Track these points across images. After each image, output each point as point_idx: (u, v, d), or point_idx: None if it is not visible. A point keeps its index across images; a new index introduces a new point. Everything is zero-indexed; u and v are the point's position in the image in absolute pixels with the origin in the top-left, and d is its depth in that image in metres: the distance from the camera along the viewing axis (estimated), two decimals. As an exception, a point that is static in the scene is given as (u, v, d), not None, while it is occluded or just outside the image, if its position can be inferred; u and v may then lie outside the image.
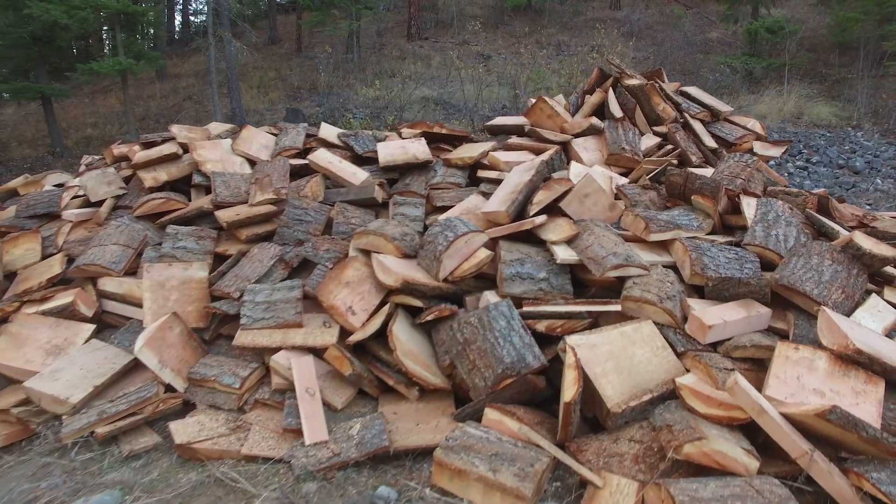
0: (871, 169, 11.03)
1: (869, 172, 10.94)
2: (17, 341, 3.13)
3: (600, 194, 3.38)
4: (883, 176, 10.80)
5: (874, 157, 11.38)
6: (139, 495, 2.45)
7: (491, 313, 2.69)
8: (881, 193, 10.13)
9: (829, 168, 11.31)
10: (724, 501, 2.02)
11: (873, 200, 9.82)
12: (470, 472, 2.23)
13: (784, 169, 11.32)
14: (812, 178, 10.88)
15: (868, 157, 11.36)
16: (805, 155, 11.74)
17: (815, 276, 2.87)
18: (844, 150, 11.80)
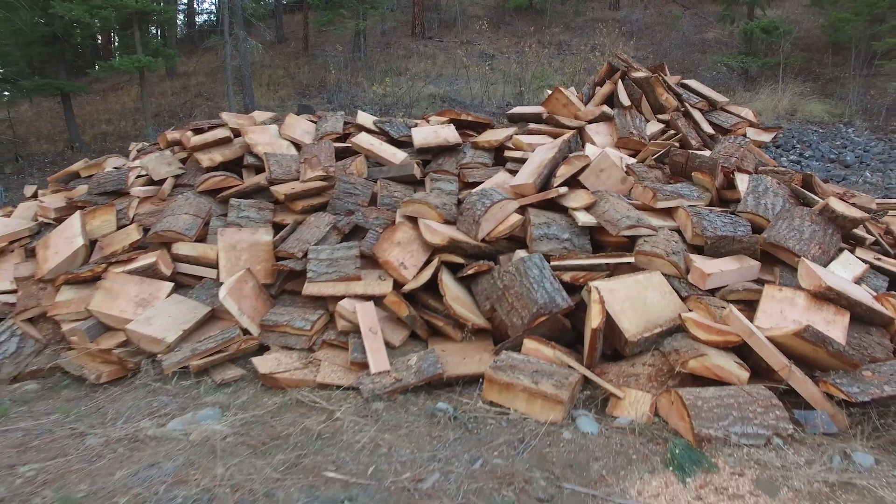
0: (861, 163, 11.66)
1: (858, 166, 11.56)
2: (111, 295, 3.65)
3: (614, 169, 3.93)
4: (872, 169, 11.42)
5: (864, 151, 12.01)
6: (236, 412, 2.98)
7: (526, 263, 3.23)
8: (869, 185, 10.74)
9: (821, 162, 11.92)
10: (721, 398, 2.57)
11: (863, 192, 10.43)
12: (515, 385, 2.77)
13: (779, 163, 11.93)
14: (805, 171, 11.49)
15: (858, 152, 11.98)
16: (798, 150, 12.36)
17: (797, 234, 3.43)
18: (836, 145, 12.41)
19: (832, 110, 13.98)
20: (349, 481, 2.29)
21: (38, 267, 4.05)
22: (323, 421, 2.85)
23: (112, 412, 3.03)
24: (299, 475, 2.34)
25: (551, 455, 2.48)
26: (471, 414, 2.84)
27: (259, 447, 2.60)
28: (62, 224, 4.25)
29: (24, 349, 3.68)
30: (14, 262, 4.24)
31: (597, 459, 2.44)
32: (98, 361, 3.51)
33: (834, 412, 2.66)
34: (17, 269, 4.13)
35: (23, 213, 4.99)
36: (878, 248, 3.85)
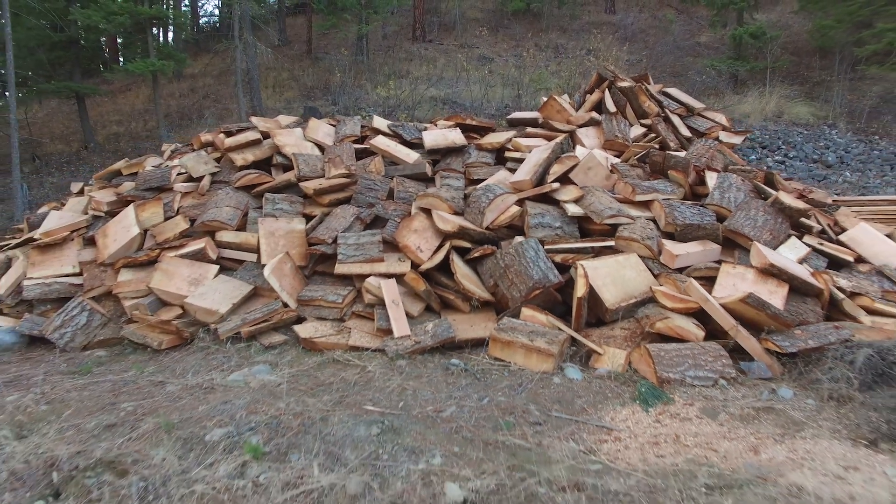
0: (842, 163, 12.38)
1: (839, 166, 12.28)
2: (167, 275, 4.30)
3: (599, 168, 4.61)
4: (852, 169, 12.14)
5: (845, 152, 12.73)
6: (283, 368, 3.63)
7: (523, 246, 3.90)
8: (848, 184, 11.46)
9: (805, 162, 12.64)
10: (679, 351, 3.24)
11: (841, 190, 11.14)
12: (515, 342, 3.44)
13: (763, 163, 12.63)
14: (788, 171, 12.20)
15: (840, 153, 12.70)
16: (783, 150, 13.07)
17: (752, 222, 4.11)
18: (819, 146, 13.13)
19: (817, 112, 14.71)
20: (385, 412, 2.95)
21: (98, 252, 4.70)
22: (357, 373, 3.51)
23: (180, 369, 3.69)
24: (345, 408, 2.99)
25: (544, 394, 3.14)
26: (479, 367, 3.51)
27: (308, 391, 3.26)
28: (118, 216, 4.90)
29: (92, 322, 4.32)
30: (76, 249, 4.88)
31: (580, 397, 3.11)
32: (158, 331, 4.16)
33: (771, 362, 3.33)
34: (80, 255, 4.77)
35: (73, 207, 5.63)
36: (825, 236, 4.53)
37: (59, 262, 4.80)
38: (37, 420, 2.99)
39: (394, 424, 2.80)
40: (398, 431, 2.70)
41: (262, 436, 2.66)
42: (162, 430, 2.75)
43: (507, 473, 2.27)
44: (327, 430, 2.70)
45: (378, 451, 2.51)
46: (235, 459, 2.48)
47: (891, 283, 3.94)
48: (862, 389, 2.94)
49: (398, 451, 2.51)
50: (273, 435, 2.68)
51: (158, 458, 2.53)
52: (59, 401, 3.25)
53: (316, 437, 2.64)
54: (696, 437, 2.66)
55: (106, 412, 3.07)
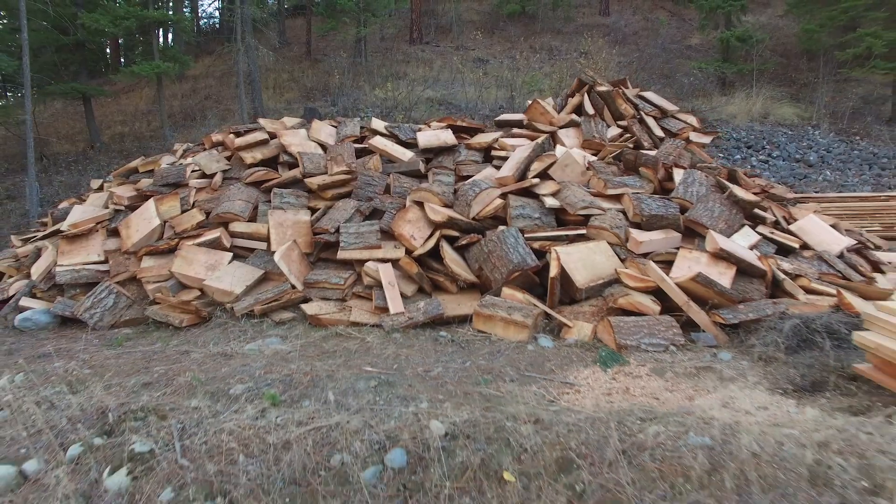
0: (823, 162, 12.95)
1: (820, 165, 12.85)
2: (187, 262, 4.82)
3: (576, 165, 5.15)
4: (832, 168, 12.71)
5: (827, 152, 13.30)
6: (292, 340, 4.16)
7: (505, 234, 4.43)
8: (828, 183, 12.03)
9: (788, 161, 13.22)
10: (637, 322, 3.77)
11: (820, 188, 11.72)
12: (495, 316, 3.97)
13: (748, 162, 13.21)
14: (771, 169, 12.78)
15: (821, 153, 13.27)
16: (768, 150, 13.64)
17: (709, 213, 4.65)
18: (802, 146, 13.70)
19: (802, 114, 15.27)
20: (381, 372, 3.48)
21: (122, 242, 5.23)
22: (357, 344, 4.04)
23: (202, 341, 4.21)
24: (347, 369, 3.52)
25: (519, 359, 3.67)
26: (464, 338, 4.04)
27: (315, 357, 3.79)
28: (139, 209, 5.42)
29: (118, 303, 4.84)
30: (101, 239, 5.40)
31: (549, 361, 3.64)
32: (179, 311, 4.68)
33: (717, 332, 3.86)
34: (105, 244, 5.29)
35: (94, 201, 6.15)
36: (778, 226, 5.07)
37: (86, 250, 5.32)
38: (84, 380, 3.52)
39: (389, 380, 3.33)
40: (392, 385, 3.23)
41: (278, 389, 3.19)
42: (192, 386, 3.28)
43: (481, 413, 2.80)
44: (332, 384, 3.23)
45: (375, 399, 3.04)
46: (257, 406, 3.01)
47: (829, 266, 4.48)
48: (787, 352, 3.48)
49: (392, 398, 3.05)
50: (287, 388, 3.21)
51: (192, 406, 3.05)
52: (100, 366, 3.78)
53: (323, 390, 3.17)
54: (643, 389, 3.20)
55: (141, 374, 3.60)
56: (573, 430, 2.57)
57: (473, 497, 2.32)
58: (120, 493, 2.54)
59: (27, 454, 2.87)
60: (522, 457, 2.46)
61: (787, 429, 2.46)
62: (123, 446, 2.77)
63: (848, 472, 2.10)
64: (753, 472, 2.13)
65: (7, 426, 3.08)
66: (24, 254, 5.84)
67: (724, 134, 14.25)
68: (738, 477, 2.14)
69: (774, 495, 2.03)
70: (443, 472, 2.43)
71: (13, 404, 3.22)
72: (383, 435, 2.68)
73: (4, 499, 2.60)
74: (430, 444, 2.58)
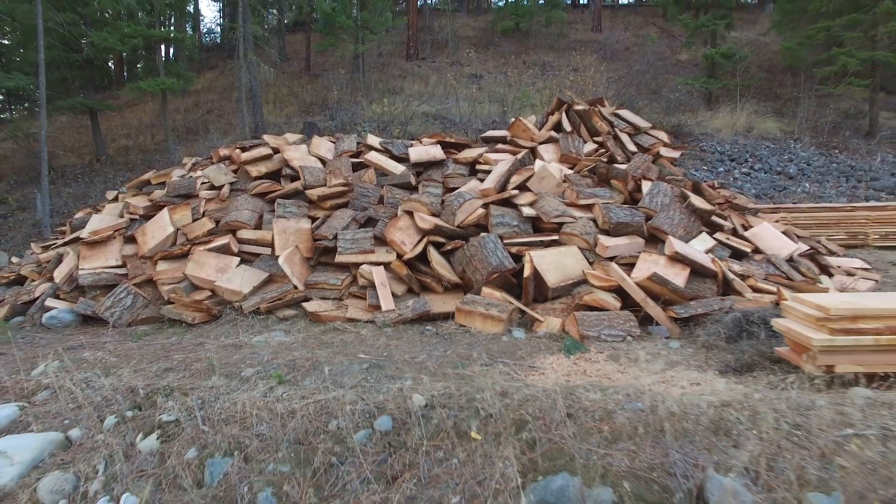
0: (802, 175, 13.58)
1: (800, 178, 13.48)
2: (199, 265, 5.37)
3: (551, 178, 5.73)
4: (811, 180, 13.34)
5: (806, 164, 13.93)
6: (295, 333, 4.69)
7: (485, 240, 4.99)
8: (806, 194, 12.65)
9: (769, 174, 13.85)
10: (599, 316, 4.32)
11: (798, 199, 12.33)
12: (474, 312, 4.52)
13: (731, 174, 13.84)
14: (753, 181, 13.41)
15: (801, 165, 13.90)
16: (750, 163, 14.28)
17: (670, 221, 5.22)
18: (784, 159, 14.34)
19: (785, 128, 15.94)
20: (373, 359, 4.02)
21: (139, 248, 5.78)
22: (353, 336, 4.58)
23: (214, 334, 4.75)
24: (343, 356, 4.06)
25: (493, 348, 4.21)
26: (446, 331, 4.58)
27: (315, 347, 4.33)
28: (154, 217, 5.98)
29: (136, 303, 5.38)
30: (118, 245, 5.95)
31: (520, 349, 4.18)
32: (192, 310, 5.21)
33: (671, 325, 4.41)
34: (123, 250, 5.84)
35: (110, 211, 6.71)
36: (735, 233, 5.64)
37: (105, 256, 5.87)
38: (113, 366, 4.05)
39: (379, 364, 3.87)
40: (382, 367, 3.77)
41: (284, 371, 3.73)
42: (209, 369, 3.82)
43: (456, 388, 3.33)
44: (330, 367, 3.77)
45: (367, 378, 3.58)
46: (265, 384, 3.54)
47: (775, 268, 5.04)
48: (727, 341, 4.03)
49: (381, 377, 3.58)
50: (291, 370, 3.75)
51: (209, 385, 3.59)
52: (125, 355, 4.31)
53: (322, 371, 3.71)
54: (598, 371, 3.74)
55: (163, 361, 4.13)
56: (530, 400, 3.10)
57: (446, 452, 2.85)
58: (152, 453, 3.08)
59: (70, 424, 3.41)
60: (488, 420, 2.99)
61: (705, 396, 3.00)
62: (153, 417, 3.30)
63: (742, 422, 2.64)
64: (668, 425, 2.67)
65: (51, 403, 3.63)
66: (45, 259, 6.38)
67: (709, 147, 14.90)
68: (656, 429, 2.67)
69: (682, 440, 2.57)
70: (422, 434, 2.96)
71: (54, 385, 3.76)
72: (373, 405, 3.21)
73: (56, 458, 3.14)
74: (411, 411, 3.11)
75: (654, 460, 2.51)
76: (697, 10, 17.61)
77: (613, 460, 2.54)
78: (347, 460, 2.87)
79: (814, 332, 3.14)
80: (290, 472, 2.81)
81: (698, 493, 2.37)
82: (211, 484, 2.84)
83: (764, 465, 2.40)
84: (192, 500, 2.74)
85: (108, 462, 3.05)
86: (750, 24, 25.08)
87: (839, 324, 3.07)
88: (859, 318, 3.08)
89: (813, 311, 3.21)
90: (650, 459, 2.52)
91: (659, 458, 2.52)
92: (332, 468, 2.84)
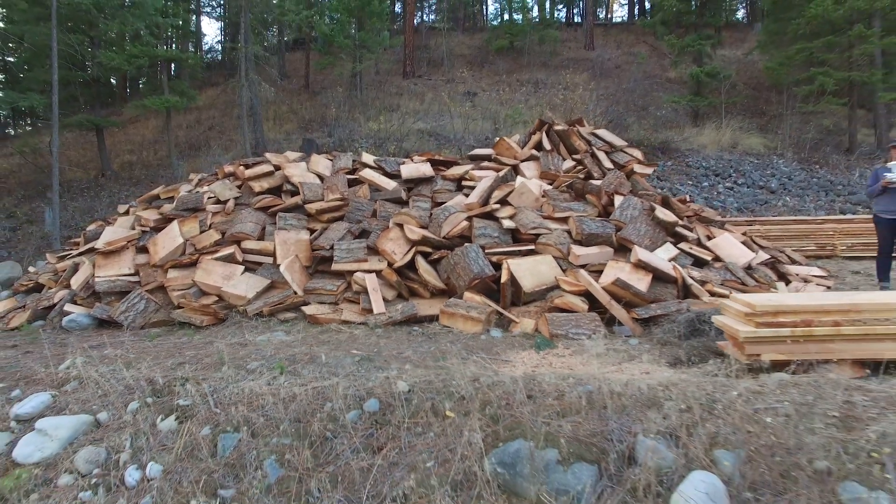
0: (784, 189, 14.22)
1: (781, 192, 14.11)
2: (207, 273, 5.92)
3: (530, 193, 6.31)
4: (791, 195, 13.97)
5: (788, 179, 14.58)
6: (295, 333, 5.23)
7: (468, 249, 5.55)
8: (786, 207, 13.27)
9: (752, 188, 14.48)
10: (568, 317, 4.86)
11: (778, 213, 12.93)
12: (457, 314, 5.06)
13: (715, 189, 14.47)
14: (735, 195, 14.04)
15: (783, 180, 14.55)
16: (734, 178, 14.92)
17: (637, 232, 5.79)
18: (766, 173, 14.99)
19: (769, 143, 16.63)
20: (364, 354, 4.55)
21: (151, 257, 6.33)
22: (347, 336, 5.11)
23: (220, 335, 5.28)
24: (338, 351, 4.59)
25: (472, 345, 4.75)
26: (431, 331, 5.12)
27: (313, 344, 4.86)
28: (164, 229, 6.54)
29: (148, 308, 5.91)
30: (131, 255, 6.50)
31: (497, 346, 4.72)
32: (200, 313, 5.75)
33: (633, 325, 4.95)
34: (136, 259, 6.39)
35: (122, 223, 7.27)
36: (698, 243, 6.20)
37: (119, 265, 6.41)
38: (132, 361, 4.58)
39: (369, 358, 4.40)
40: (372, 360, 4.30)
41: (285, 363, 4.26)
42: (218, 362, 4.35)
43: (435, 376, 3.86)
44: (326, 360, 4.30)
45: (358, 369, 4.11)
46: (269, 374, 4.07)
47: (732, 275, 5.60)
48: (681, 338, 4.57)
49: (370, 368, 4.11)
50: (291, 363, 4.28)
51: (219, 376, 4.12)
52: (142, 352, 4.84)
53: (319, 364, 4.24)
54: (562, 363, 4.27)
55: (176, 357, 4.66)
56: (497, 385, 3.63)
57: (423, 427, 3.38)
58: (171, 431, 3.60)
59: (98, 409, 3.94)
60: (460, 401, 3.52)
61: (647, 380, 3.53)
62: (171, 402, 3.83)
63: (672, 399, 3.17)
64: (610, 402, 3.20)
65: (79, 391, 4.15)
66: (62, 269, 6.93)
67: (695, 163, 15.56)
68: (600, 405, 3.20)
69: (620, 413, 3.10)
70: (404, 413, 3.49)
71: (82, 376, 4.28)
72: (363, 390, 3.74)
73: (88, 436, 3.66)
74: (395, 395, 3.64)
75: (595, 429, 3.04)
76: (688, 28, 18.38)
77: (561, 429, 3.07)
78: (340, 435, 3.39)
79: (742, 326, 3.68)
80: (290, 443, 3.34)
81: (629, 454, 2.90)
82: (224, 454, 3.36)
83: (684, 431, 2.93)
84: (209, 466, 3.26)
85: (134, 438, 3.57)
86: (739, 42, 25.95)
87: (763, 318, 3.62)
88: (780, 314, 3.63)
89: (743, 307, 3.75)
90: (592, 428, 3.05)
91: (599, 427, 3.05)
92: (326, 441, 3.36)
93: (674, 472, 2.78)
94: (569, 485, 2.80)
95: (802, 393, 3.25)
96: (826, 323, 3.57)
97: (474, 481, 2.98)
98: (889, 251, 5.93)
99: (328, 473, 3.16)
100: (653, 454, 2.83)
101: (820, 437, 2.83)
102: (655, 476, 2.78)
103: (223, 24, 26.07)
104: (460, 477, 3.02)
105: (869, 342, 3.50)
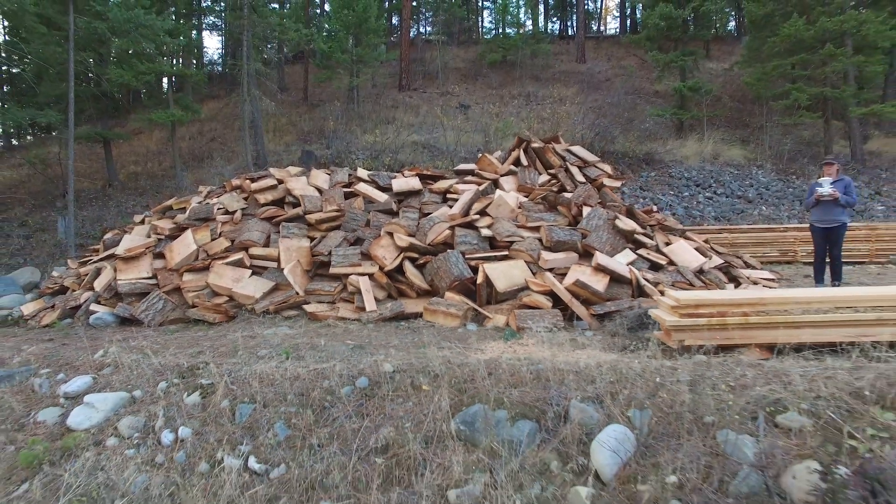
0: (760, 198, 15.09)
1: (758, 201, 14.98)
2: (218, 276, 6.74)
3: (506, 205, 7.16)
4: (768, 204, 14.84)
5: (765, 189, 15.46)
6: (298, 328, 6.05)
7: (449, 255, 6.39)
8: (761, 216, 14.13)
9: (731, 198, 15.35)
10: (533, 313, 5.69)
11: (753, 221, 13.79)
12: (438, 310, 5.89)
13: (695, 198, 15.33)
14: (714, 205, 14.91)
15: (760, 190, 15.43)
16: (714, 188, 15.80)
17: (599, 239, 6.64)
18: (745, 184, 15.87)
19: (749, 155, 17.53)
20: (357, 343, 5.37)
21: (167, 262, 7.16)
22: (342, 330, 5.93)
23: (232, 330, 6.09)
24: (335, 342, 5.41)
25: (451, 336, 5.57)
26: (416, 326, 5.94)
27: (313, 336, 5.68)
28: (179, 237, 7.37)
29: (166, 307, 6.73)
30: (149, 260, 7.32)
31: (471, 338, 5.54)
32: (212, 312, 6.56)
33: (591, 320, 5.77)
34: (154, 264, 7.22)
35: (139, 231, 8.11)
36: (657, 249, 7.04)
37: (138, 269, 7.24)
38: (157, 350, 5.40)
39: (361, 346, 5.23)
40: (363, 348, 5.12)
41: (290, 350, 5.07)
42: (233, 350, 5.17)
43: (415, 359, 4.68)
44: (324, 348, 5.12)
45: (351, 355, 4.93)
46: (277, 359, 4.89)
47: (682, 277, 6.43)
48: (629, 330, 5.39)
49: (362, 354, 4.94)
50: (295, 350, 5.10)
51: (234, 361, 4.94)
52: (165, 344, 5.66)
53: (318, 351, 5.06)
54: (525, 351, 5.08)
55: (195, 347, 5.48)
56: (466, 365, 4.46)
57: (404, 398, 4.20)
58: (195, 405, 4.42)
59: (133, 388, 4.75)
60: (435, 378, 4.34)
61: (588, 360, 4.35)
62: (194, 381, 4.65)
63: (604, 374, 3.99)
64: (552, 376, 4.02)
65: (115, 374, 4.96)
66: (84, 272, 7.75)
67: (677, 173, 16.44)
68: (545, 378, 4.02)
69: (560, 384, 3.92)
70: (388, 388, 4.31)
71: (116, 362, 5.09)
72: (355, 371, 4.56)
73: (127, 408, 4.46)
74: (382, 374, 4.46)
75: (538, 396, 3.87)
76: (676, 42, 19.30)
77: (512, 396, 3.89)
78: (336, 405, 4.21)
79: (669, 317, 4.51)
80: (296, 411, 4.16)
81: (564, 414, 3.73)
82: (241, 420, 4.17)
83: (609, 397, 3.76)
84: (230, 429, 4.08)
85: (166, 409, 4.39)
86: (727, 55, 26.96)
87: (685, 310, 4.45)
88: (700, 306, 4.46)
89: (671, 301, 4.58)
90: (536, 395, 3.88)
91: (542, 395, 3.88)
92: (325, 409, 4.18)
93: (597, 426, 3.61)
94: (514, 436, 3.63)
95: (709, 368, 4.08)
96: (737, 314, 4.40)
97: (442, 437, 3.80)
98: (823, 256, 6.79)
99: (326, 432, 3.98)
100: (581, 413, 3.66)
101: (713, 400, 3.66)
102: (583, 430, 3.61)
103: (223, 38, 27.07)
104: (431, 433, 3.84)
105: (770, 329, 4.33)
